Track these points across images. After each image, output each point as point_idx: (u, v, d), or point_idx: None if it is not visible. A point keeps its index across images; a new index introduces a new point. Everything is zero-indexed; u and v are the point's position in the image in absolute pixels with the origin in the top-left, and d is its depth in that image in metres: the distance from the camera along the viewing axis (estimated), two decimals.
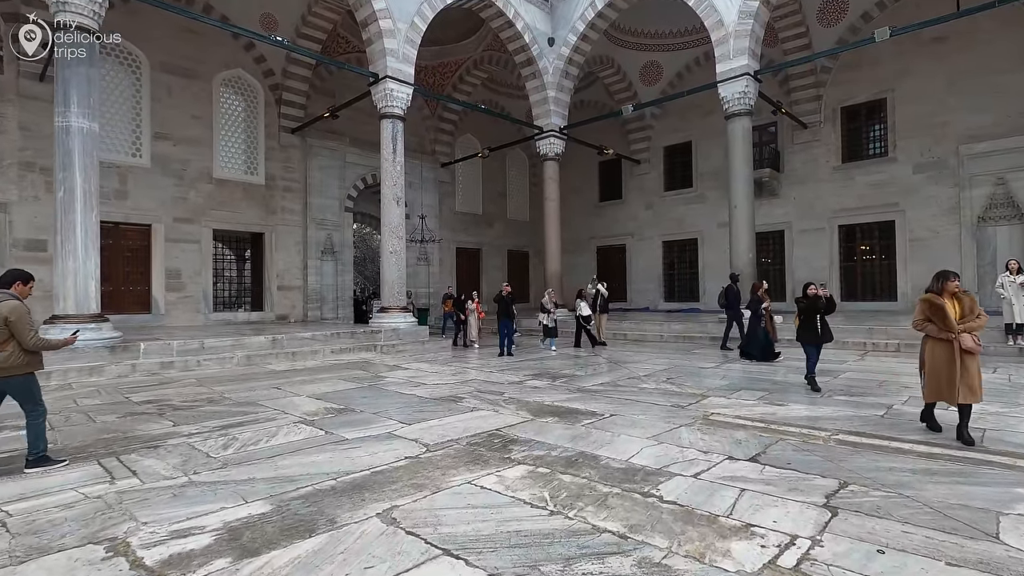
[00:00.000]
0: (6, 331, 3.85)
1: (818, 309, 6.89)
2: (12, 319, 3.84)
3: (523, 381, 7.92)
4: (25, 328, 3.89)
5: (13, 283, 4.07)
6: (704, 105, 19.57)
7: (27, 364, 3.99)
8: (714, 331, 13.22)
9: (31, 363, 4.02)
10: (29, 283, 4.17)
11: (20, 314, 3.89)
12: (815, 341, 6.96)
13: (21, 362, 3.94)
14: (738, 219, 13.27)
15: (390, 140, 13.08)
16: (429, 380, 8.10)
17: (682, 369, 8.96)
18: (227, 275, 16.73)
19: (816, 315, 6.90)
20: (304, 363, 10.18)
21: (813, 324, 6.95)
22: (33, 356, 4.03)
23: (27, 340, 3.90)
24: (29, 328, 3.93)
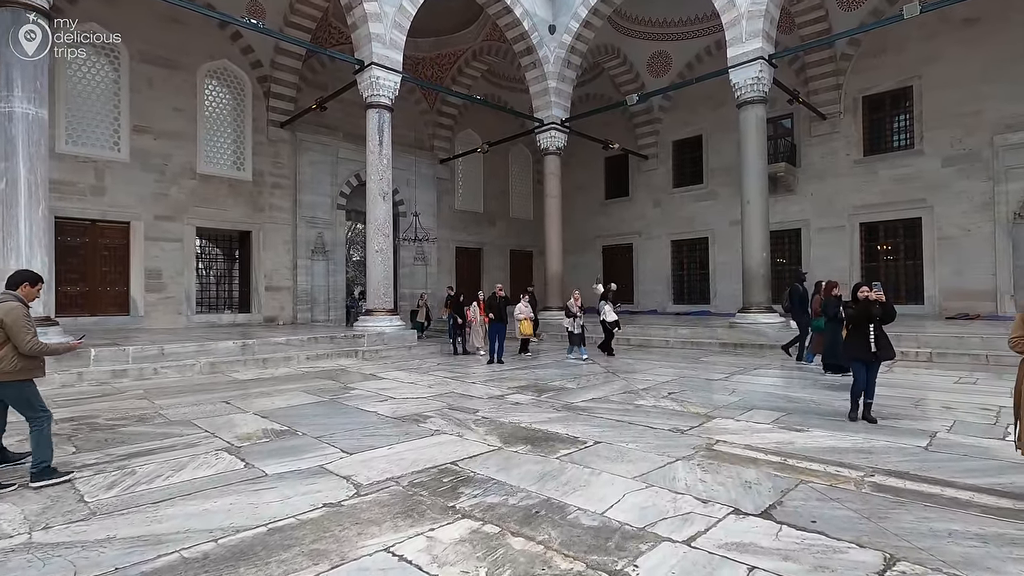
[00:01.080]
0: (1, 334, 3.65)
1: (871, 317, 5.46)
2: (7, 321, 3.62)
3: (505, 395, 7.02)
4: (22, 331, 3.66)
5: (20, 284, 3.92)
6: (715, 96, 18.57)
7: (24, 370, 3.74)
8: (724, 336, 12.23)
9: (29, 369, 3.78)
10: (37, 285, 4.01)
11: (16, 316, 3.67)
12: (867, 358, 5.45)
13: (16, 368, 3.70)
14: (751, 215, 12.25)
15: (376, 131, 12.26)
16: (400, 393, 7.23)
17: (687, 381, 8.01)
18: (212, 275, 16.03)
19: (869, 324, 5.47)
20: (274, 371, 9.38)
21: (864, 336, 5.48)
22: (31, 361, 3.79)
23: (24, 344, 3.67)
24: (26, 331, 3.69)
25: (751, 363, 9.85)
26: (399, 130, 19.51)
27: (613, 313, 11.28)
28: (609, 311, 11.24)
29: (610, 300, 11.46)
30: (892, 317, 5.47)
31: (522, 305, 11.64)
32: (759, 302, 12.14)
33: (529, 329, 11.50)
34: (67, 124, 13.08)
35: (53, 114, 12.79)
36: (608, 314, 11.21)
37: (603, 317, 11.21)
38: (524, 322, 11.44)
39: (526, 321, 11.46)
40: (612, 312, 11.27)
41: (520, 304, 11.67)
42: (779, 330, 11.71)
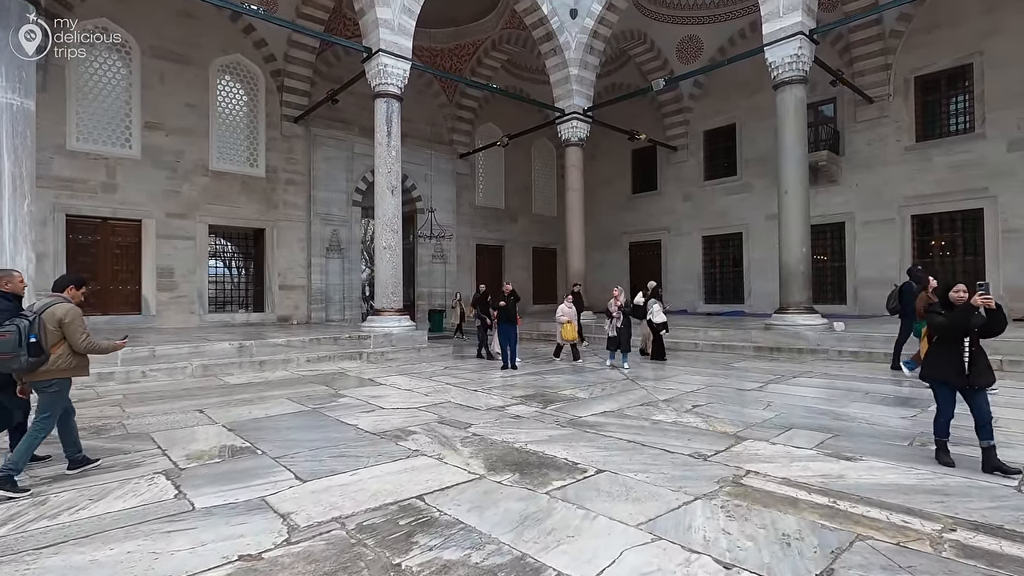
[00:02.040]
0: (59, 333, 3.86)
1: (968, 327, 3.89)
2: (66, 321, 3.86)
3: (506, 407, 6.27)
4: (78, 331, 3.90)
5: (66, 287, 4.10)
6: (750, 82, 17.41)
7: (72, 368, 3.97)
8: (758, 339, 11.19)
9: (76, 368, 4.01)
10: (82, 287, 4.22)
11: (74, 316, 3.91)
12: (956, 381, 3.97)
13: (69, 365, 3.93)
14: (789, 207, 11.17)
15: (384, 122, 11.68)
16: (392, 402, 6.57)
17: (715, 391, 7.10)
18: (225, 274, 15.77)
19: (963, 337, 3.92)
20: (270, 374, 8.86)
21: (956, 352, 3.94)
22: (81, 360, 4.03)
23: (79, 343, 3.90)
24: (82, 331, 3.93)
25: (789, 370, 8.84)
26: (416, 124, 19.03)
27: (662, 313, 10.13)
28: (658, 311, 10.08)
29: (659, 299, 10.40)
30: (1002, 327, 3.94)
31: (565, 306, 10.42)
32: (798, 302, 11.06)
33: (573, 334, 10.10)
34: (78, 121, 12.92)
35: (63, 111, 12.74)
36: (656, 314, 10.04)
37: (649, 317, 10.08)
38: (567, 325, 10.09)
39: (569, 325, 10.10)
40: (661, 312, 10.12)
41: (563, 305, 10.48)
42: (820, 332, 10.62)
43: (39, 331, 3.76)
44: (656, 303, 10.26)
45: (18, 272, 4.34)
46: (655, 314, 10.11)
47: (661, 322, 10.09)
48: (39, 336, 3.76)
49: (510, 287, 9.85)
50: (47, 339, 3.80)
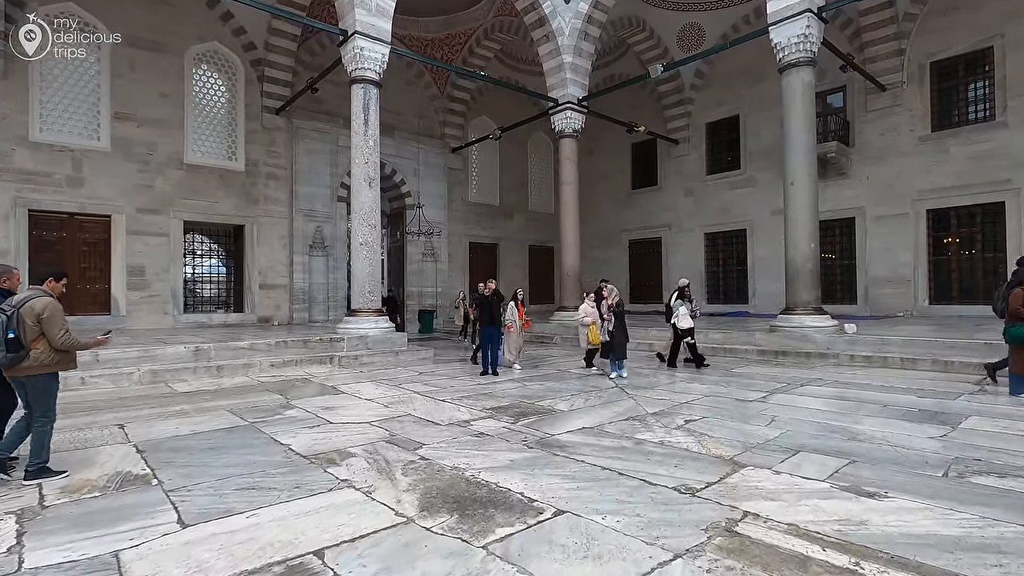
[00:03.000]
0: (38, 328, 3.74)
1: None
2: (44, 316, 3.74)
3: (472, 421, 5.49)
4: (55, 326, 3.78)
5: (46, 279, 3.98)
6: (754, 70, 16.59)
7: (55, 363, 3.85)
8: (763, 342, 10.37)
9: (60, 362, 3.88)
10: (62, 280, 4.08)
11: (52, 311, 3.79)
12: None
13: (52, 360, 3.82)
14: (796, 200, 10.34)
15: (361, 109, 10.92)
16: (345, 415, 5.80)
17: (713, 402, 6.30)
18: (201, 273, 15.06)
19: None
20: (228, 380, 8.12)
21: None
22: (64, 355, 3.90)
23: (56, 338, 3.77)
24: (60, 326, 3.80)
25: (796, 377, 8.02)
26: (405, 116, 18.30)
27: (689, 317, 8.98)
28: (684, 314, 8.93)
29: (688, 299, 9.29)
30: None
31: (587, 305, 9.18)
32: (806, 301, 10.23)
33: (598, 337, 8.84)
34: (41, 111, 12.25)
35: (26, 100, 12.09)
36: (682, 318, 8.91)
37: (675, 320, 8.99)
38: (591, 328, 8.90)
39: (594, 327, 8.86)
40: (688, 315, 8.97)
41: (585, 304, 9.29)
42: (830, 335, 9.78)
43: (17, 326, 3.66)
44: (683, 304, 9.08)
45: (17, 270, 4.31)
46: (680, 317, 8.94)
47: (687, 327, 8.95)
48: (18, 331, 3.66)
49: (493, 286, 9.06)
50: (26, 334, 3.69)
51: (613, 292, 8.57)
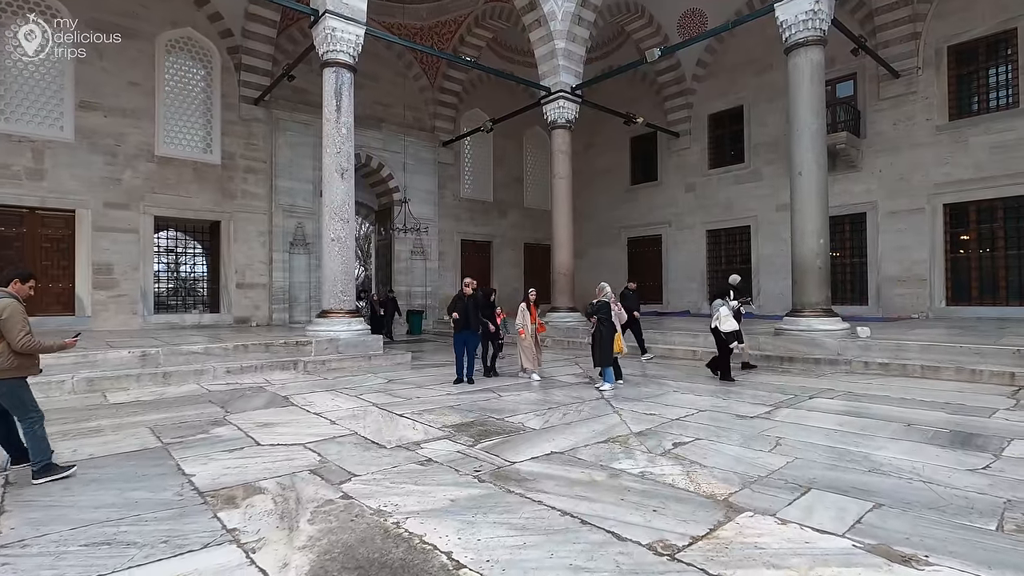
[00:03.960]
0: None
1: None
2: (4, 317, 3.61)
3: (424, 443, 4.70)
4: (16, 327, 3.63)
5: (11, 281, 3.85)
6: (759, 59, 15.75)
7: (16, 367, 3.70)
8: (767, 346, 9.53)
9: (21, 367, 3.73)
10: (28, 281, 3.95)
11: (12, 312, 3.65)
12: None
13: (12, 364, 3.67)
14: (804, 191, 9.49)
15: (333, 94, 10.14)
16: (280, 433, 5.02)
17: (709, 418, 5.47)
18: (174, 271, 14.35)
19: None
20: (174, 389, 7.36)
21: None
22: (27, 359, 3.78)
23: (16, 341, 3.63)
24: (22, 329, 3.66)
25: (804, 387, 7.18)
26: (394, 108, 17.53)
27: (732, 319, 7.69)
28: (726, 316, 7.65)
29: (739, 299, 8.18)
30: None
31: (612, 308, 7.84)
32: (814, 302, 9.38)
33: (620, 344, 7.54)
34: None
35: None
36: (724, 320, 7.65)
37: (714, 323, 7.76)
38: None
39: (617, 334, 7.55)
40: (731, 317, 7.69)
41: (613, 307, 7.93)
42: (841, 339, 8.94)
43: None
44: (723, 304, 7.80)
45: None
46: (722, 319, 7.65)
47: (729, 330, 7.60)
48: None
49: (473, 284, 8.17)
50: None
51: (604, 290, 7.71)
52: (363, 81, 16.88)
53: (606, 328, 7.27)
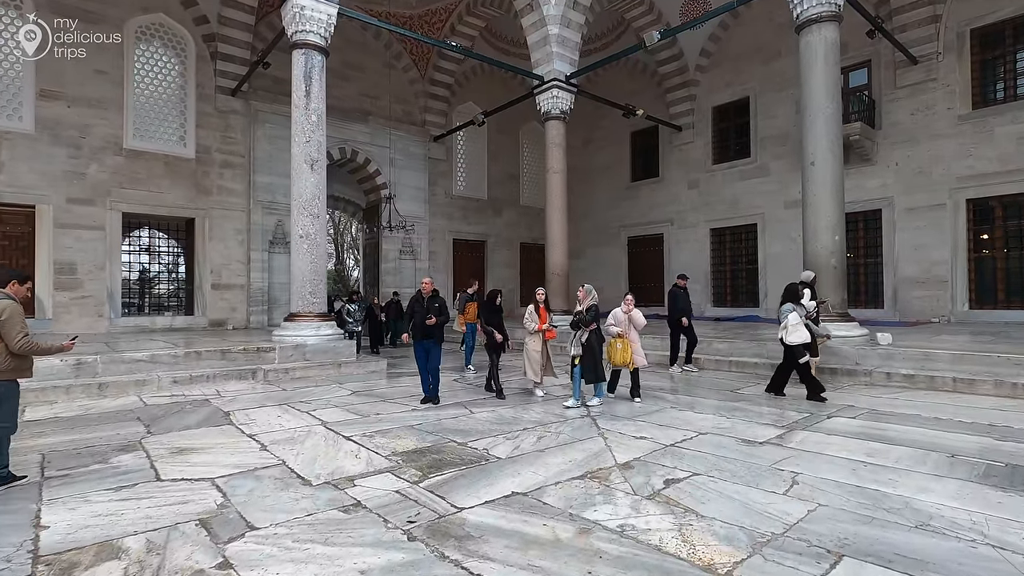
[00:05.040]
0: None
1: None
2: (3, 318, 3.58)
3: (359, 478, 3.85)
4: (14, 328, 3.60)
5: (8, 282, 3.80)
6: (766, 47, 14.89)
7: (15, 370, 3.70)
8: (775, 353, 8.61)
9: (16, 369, 3.72)
10: (26, 283, 3.93)
11: (11, 313, 3.63)
12: None
13: (5, 367, 3.62)
14: (817, 182, 8.60)
15: (303, 79, 9.33)
16: (191, 463, 4.19)
17: (711, 444, 4.61)
18: (144, 271, 13.58)
19: None
20: (108, 402, 6.55)
21: None
22: (23, 361, 3.75)
23: (14, 342, 3.59)
24: (20, 330, 3.63)
25: (819, 404, 6.29)
26: (382, 101, 16.72)
27: (803, 328, 6.31)
28: (795, 323, 6.29)
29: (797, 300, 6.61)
30: None
31: (620, 311, 6.79)
32: (829, 306, 8.47)
33: (626, 356, 6.41)
34: None
35: None
36: (792, 329, 6.30)
37: (783, 332, 6.45)
38: (614, 343, 6.50)
39: (621, 341, 6.47)
40: (801, 326, 6.29)
41: (618, 310, 6.86)
42: (860, 347, 8.04)
43: None
44: (793, 309, 6.42)
45: None
46: (789, 328, 6.32)
47: (800, 342, 6.26)
48: None
49: (430, 285, 6.80)
50: None
51: (590, 294, 6.88)
52: (349, 72, 16.16)
53: (596, 338, 6.36)
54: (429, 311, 6.51)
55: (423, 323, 6.47)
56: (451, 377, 8.70)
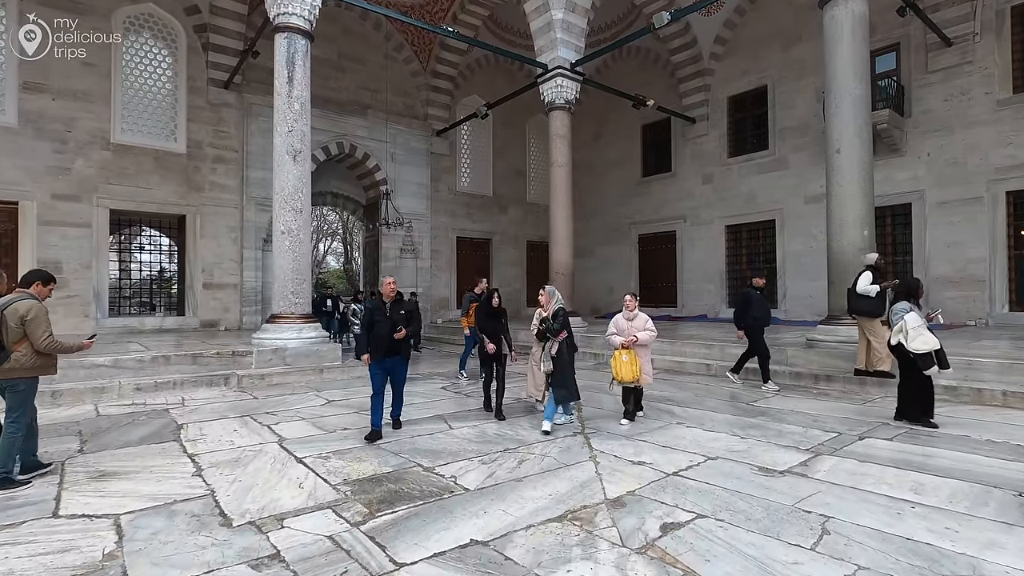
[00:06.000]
0: (21, 331, 3.73)
1: None
2: (29, 318, 3.74)
3: (289, 516, 3.21)
4: (39, 328, 3.77)
5: (33, 283, 3.95)
6: (786, 31, 14.04)
7: (36, 367, 3.85)
8: (798, 361, 7.89)
9: (41, 367, 3.89)
10: (49, 284, 4.07)
11: (37, 313, 3.79)
12: None
13: (33, 364, 3.81)
14: (844, 171, 7.79)
15: (286, 64, 8.78)
16: (100, 494, 3.58)
17: (721, 473, 3.88)
18: (133, 270, 13.16)
19: None
20: (61, 412, 6.03)
21: None
22: (46, 359, 3.91)
23: (39, 341, 3.76)
24: (44, 329, 3.80)
25: (849, 418, 5.52)
26: (382, 95, 16.15)
27: (928, 332, 5.05)
28: (917, 329, 5.04)
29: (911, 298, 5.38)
30: None
31: (622, 317, 5.60)
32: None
33: (632, 371, 5.26)
34: None
35: None
36: (914, 335, 5.02)
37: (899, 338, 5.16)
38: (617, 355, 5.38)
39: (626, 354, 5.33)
40: (924, 328, 5.08)
41: (620, 316, 5.66)
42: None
43: (1, 328, 3.68)
44: (910, 309, 5.21)
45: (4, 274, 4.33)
46: (908, 332, 5.06)
47: (926, 349, 4.99)
48: (1, 333, 3.68)
49: (392, 286, 5.12)
50: (8, 336, 3.71)
51: (554, 296, 5.47)
52: (347, 64, 15.63)
53: (569, 348, 5.36)
54: (395, 321, 4.92)
55: (390, 336, 4.85)
56: (440, 384, 8.06)
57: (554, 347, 5.19)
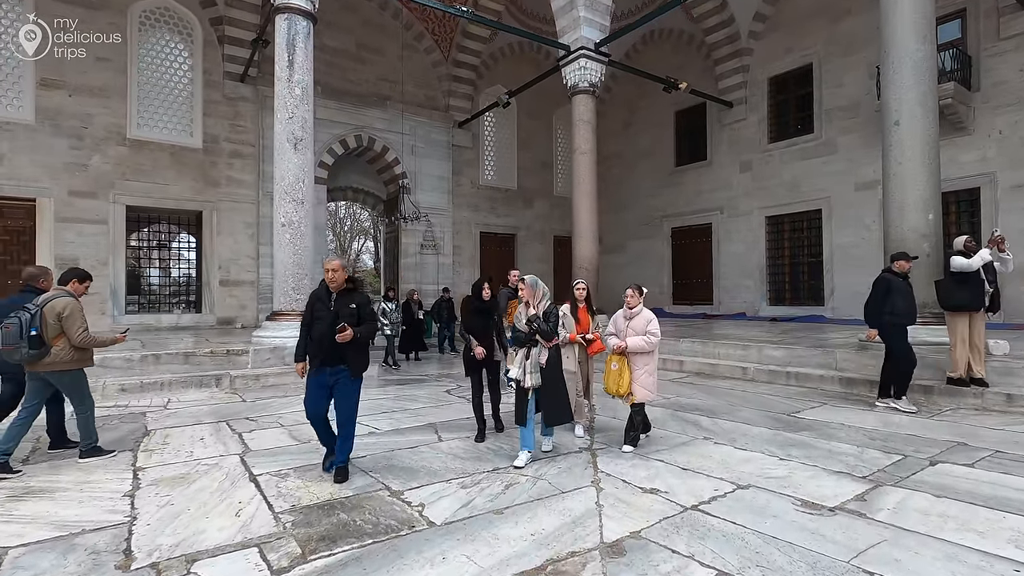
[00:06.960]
0: (58, 326, 3.90)
1: None
2: (65, 315, 3.90)
3: (207, 557, 2.62)
4: (75, 324, 3.93)
5: (70, 281, 4.14)
6: (833, 5, 12.94)
7: (76, 360, 4.03)
8: (848, 365, 6.92)
9: (79, 360, 4.06)
10: (86, 282, 4.26)
11: (72, 310, 3.95)
12: None
13: (72, 357, 3.98)
14: (904, 146, 6.76)
15: (286, 47, 8.29)
16: (5, 521, 3.07)
17: (750, 507, 3.09)
18: (150, 266, 13.05)
19: None
20: None
21: None
22: (83, 352, 4.08)
23: (74, 336, 3.94)
24: (79, 325, 3.96)
25: (915, 435, 4.61)
26: (401, 85, 15.65)
27: None
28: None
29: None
30: None
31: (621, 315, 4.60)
32: (920, 304, 6.62)
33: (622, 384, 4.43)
34: None
35: None
36: None
37: None
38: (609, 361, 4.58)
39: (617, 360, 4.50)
40: None
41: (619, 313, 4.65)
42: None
43: (40, 324, 3.82)
44: None
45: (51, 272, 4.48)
46: None
47: None
48: (40, 329, 3.82)
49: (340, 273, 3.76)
50: (48, 332, 3.86)
51: (537, 287, 4.31)
52: (365, 55, 15.22)
53: (559, 356, 4.33)
54: (340, 317, 3.64)
55: (331, 335, 3.57)
56: (445, 387, 7.44)
57: (543, 355, 4.15)
